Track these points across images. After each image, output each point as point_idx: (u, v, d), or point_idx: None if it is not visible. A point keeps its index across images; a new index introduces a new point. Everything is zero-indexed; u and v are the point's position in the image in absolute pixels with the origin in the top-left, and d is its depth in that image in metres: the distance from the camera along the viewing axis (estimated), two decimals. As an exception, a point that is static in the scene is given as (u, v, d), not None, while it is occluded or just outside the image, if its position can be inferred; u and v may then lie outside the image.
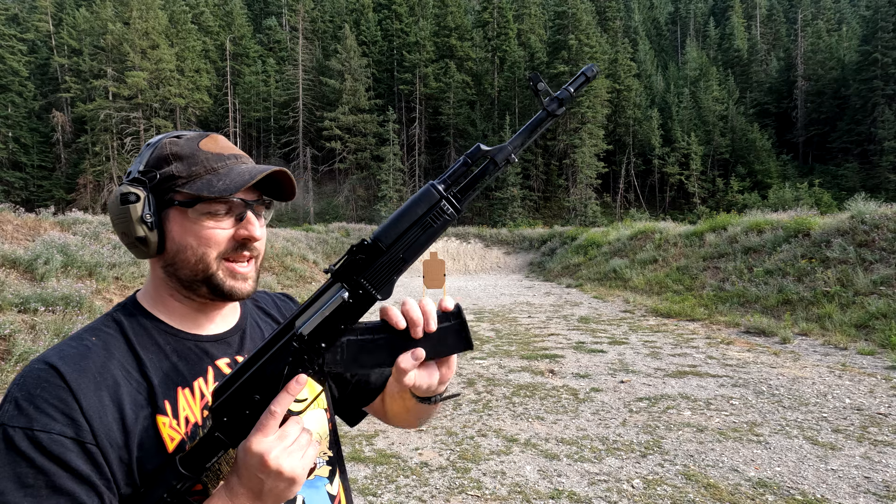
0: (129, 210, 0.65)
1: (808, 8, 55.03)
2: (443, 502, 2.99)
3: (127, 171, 0.69)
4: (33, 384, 0.57)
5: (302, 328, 0.61)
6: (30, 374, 0.58)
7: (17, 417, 0.54)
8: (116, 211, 0.66)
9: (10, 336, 5.92)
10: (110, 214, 0.67)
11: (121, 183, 0.69)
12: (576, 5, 39.36)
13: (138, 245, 0.67)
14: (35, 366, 0.59)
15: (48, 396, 0.56)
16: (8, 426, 0.54)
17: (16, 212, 9.72)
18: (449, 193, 0.64)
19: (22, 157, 38.03)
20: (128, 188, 0.66)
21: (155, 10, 37.68)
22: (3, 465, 0.52)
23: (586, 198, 36.71)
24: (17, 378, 0.59)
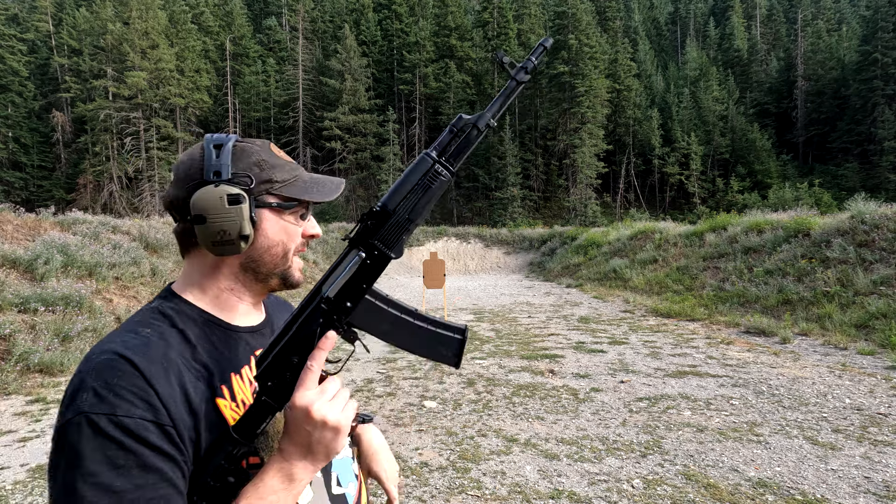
0: (239, 210, 0.70)
1: (808, 8, 55.03)
2: (443, 502, 2.99)
3: (206, 169, 0.71)
4: (109, 374, 0.60)
5: (328, 291, 0.69)
6: (102, 364, 0.61)
7: (98, 405, 0.57)
8: (223, 210, 0.69)
9: (10, 336, 5.92)
10: (210, 214, 0.69)
11: (200, 179, 0.71)
12: (576, 5, 39.33)
13: (237, 242, 0.71)
14: (104, 356, 0.62)
15: (125, 384, 0.60)
16: (90, 413, 0.57)
17: (16, 212, 9.71)
18: (441, 159, 0.73)
19: (22, 157, 38.00)
20: (233, 189, 0.70)
21: (155, 10, 37.65)
22: (94, 449, 0.55)
23: (586, 198, 36.70)
24: (86, 368, 0.61)
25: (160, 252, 11.21)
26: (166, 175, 36.87)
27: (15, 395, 5.21)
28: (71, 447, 0.56)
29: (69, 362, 6.03)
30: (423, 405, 4.74)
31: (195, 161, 0.72)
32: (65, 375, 5.86)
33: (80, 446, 0.55)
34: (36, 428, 4.37)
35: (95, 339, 6.94)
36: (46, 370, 5.84)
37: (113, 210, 34.09)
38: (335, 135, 40.72)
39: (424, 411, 4.58)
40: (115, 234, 10.63)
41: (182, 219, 0.73)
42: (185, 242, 0.75)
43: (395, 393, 5.15)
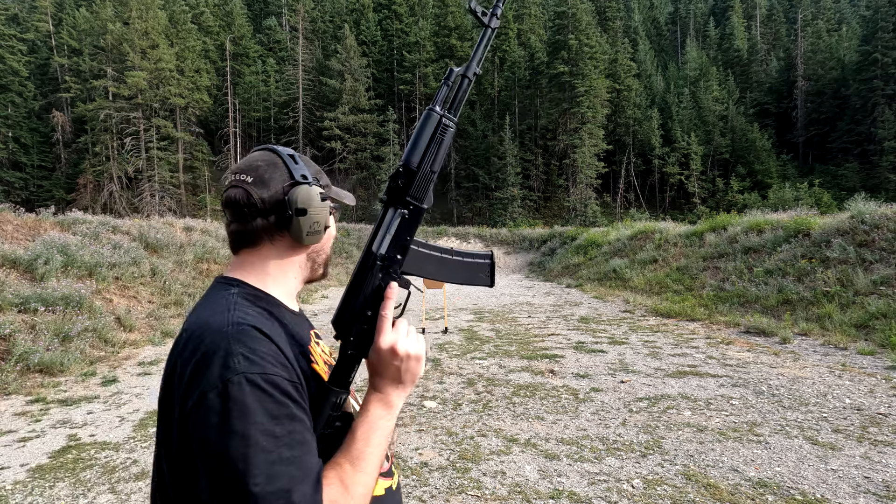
0: (325, 206, 0.85)
1: (808, 8, 55.03)
2: (443, 502, 2.99)
3: (292, 173, 0.85)
4: (250, 341, 0.70)
5: (379, 249, 0.81)
6: (241, 332, 0.70)
7: (251, 367, 0.67)
8: (319, 205, 0.83)
9: (10, 336, 5.92)
10: (312, 207, 0.82)
11: (293, 180, 0.84)
12: (576, 5, 39.30)
13: (322, 232, 0.86)
14: (240, 327, 0.71)
15: (265, 350, 0.70)
16: (247, 374, 0.66)
17: (16, 212, 9.71)
18: (444, 112, 0.83)
19: (22, 157, 37.98)
20: (319, 189, 0.85)
21: (155, 10, 37.63)
22: (255, 402, 0.64)
23: (586, 198, 36.68)
24: (221, 337, 0.69)
25: (160, 252, 11.21)
26: (166, 175, 36.89)
27: (15, 395, 5.21)
28: (237, 401, 0.64)
29: (69, 362, 6.03)
30: (423, 405, 4.74)
31: (278, 166, 0.85)
32: (65, 375, 5.86)
33: (246, 400, 0.64)
34: (36, 428, 4.37)
35: (96, 339, 6.94)
36: (46, 370, 5.84)
37: (113, 210, 34.08)
38: (335, 135, 40.71)
39: (424, 411, 4.58)
40: (115, 234, 10.63)
41: (270, 214, 0.82)
42: (257, 237, 0.84)
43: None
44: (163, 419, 0.75)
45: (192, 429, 0.65)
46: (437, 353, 6.89)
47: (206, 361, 0.67)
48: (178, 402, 0.69)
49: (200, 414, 0.64)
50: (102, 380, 5.80)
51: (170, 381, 0.73)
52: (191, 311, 0.82)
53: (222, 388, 0.65)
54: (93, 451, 3.84)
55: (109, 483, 3.32)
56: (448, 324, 9.27)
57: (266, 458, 0.62)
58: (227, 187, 0.85)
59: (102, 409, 4.83)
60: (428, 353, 1.23)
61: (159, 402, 0.77)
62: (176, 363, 0.72)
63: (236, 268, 0.86)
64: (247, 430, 0.63)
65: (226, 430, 0.63)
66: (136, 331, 7.89)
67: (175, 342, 0.76)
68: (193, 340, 0.71)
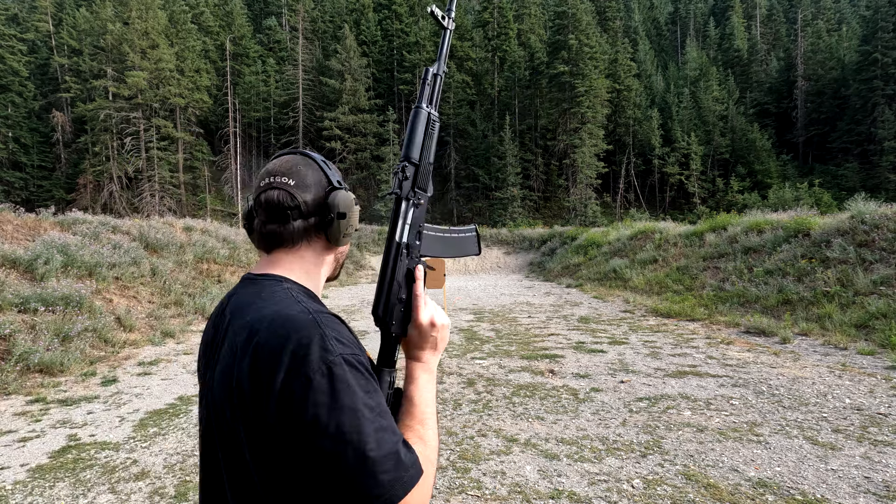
0: (357, 209, 0.91)
1: (808, 8, 55.03)
2: (443, 502, 2.99)
3: (330, 178, 0.91)
4: (336, 327, 0.76)
5: (402, 239, 0.90)
6: (328, 320, 0.76)
7: (345, 349, 0.73)
8: (354, 209, 0.90)
9: (10, 336, 5.92)
10: (350, 211, 0.89)
11: (331, 185, 0.90)
12: (576, 5, 39.29)
13: (351, 235, 0.92)
14: (323, 315, 0.77)
15: (348, 334, 0.77)
16: (344, 354, 0.72)
17: (16, 212, 9.71)
18: (430, 108, 0.94)
19: (22, 157, 37.96)
20: (353, 194, 0.91)
21: (155, 10, 37.61)
22: (355, 378, 0.71)
23: (586, 198, 36.67)
24: (312, 325, 0.74)
25: (160, 252, 11.21)
26: (166, 175, 36.88)
27: (15, 395, 5.21)
28: (342, 379, 0.70)
29: (69, 362, 6.03)
30: (423, 405, 4.74)
31: (317, 171, 0.90)
32: (65, 375, 5.86)
33: (348, 377, 0.70)
34: (36, 428, 4.37)
35: (96, 339, 6.94)
36: (46, 370, 5.84)
37: (113, 210, 34.08)
38: (335, 135, 40.71)
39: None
40: (115, 234, 10.63)
41: (311, 216, 0.88)
42: (297, 237, 0.89)
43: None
44: (236, 416, 0.74)
45: (300, 411, 0.68)
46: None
47: (305, 347, 0.71)
48: (272, 392, 0.70)
49: (310, 396, 0.68)
50: (102, 380, 5.80)
51: (247, 377, 0.73)
52: (240, 308, 0.83)
53: (327, 370, 0.70)
54: (93, 451, 3.84)
55: (109, 483, 3.32)
56: (448, 324, 9.26)
57: (372, 426, 0.69)
58: (264, 188, 0.88)
59: (102, 409, 4.83)
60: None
61: (221, 401, 0.77)
62: (255, 356, 0.73)
63: (273, 266, 0.89)
64: (355, 404, 0.69)
65: (336, 406, 0.68)
66: (136, 331, 7.89)
67: (233, 339, 0.78)
68: (277, 331, 0.73)
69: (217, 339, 0.86)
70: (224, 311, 0.87)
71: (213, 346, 0.86)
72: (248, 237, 0.94)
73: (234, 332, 0.79)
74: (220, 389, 0.78)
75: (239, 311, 0.82)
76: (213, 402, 0.80)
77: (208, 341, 0.90)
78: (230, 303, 0.88)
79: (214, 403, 0.80)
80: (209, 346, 0.89)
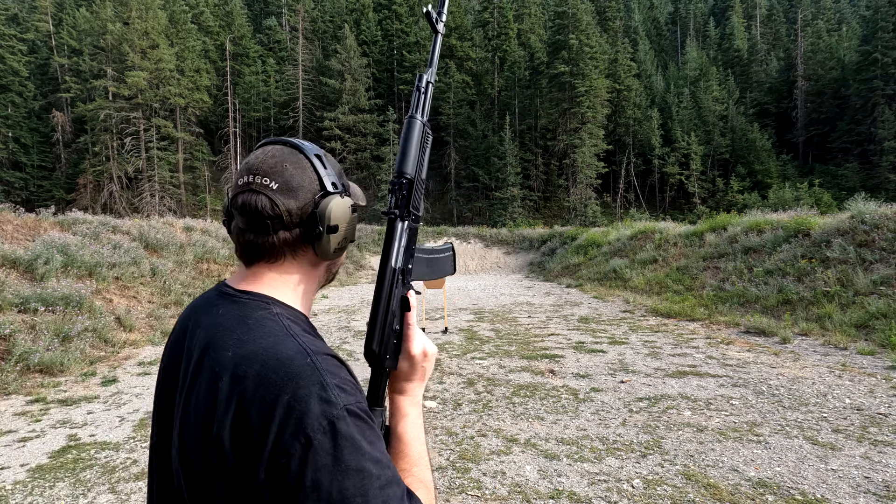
0: (355, 218, 0.80)
1: (808, 8, 55.03)
2: (443, 502, 2.99)
3: (322, 180, 0.77)
4: (337, 371, 0.67)
5: (397, 263, 0.80)
6: (328, 363, 0.67)
7: (347, 398, 0.64)
8: (349, 219, 0.78)
9: (10, 336, 5.92)
10: (342, 223, 0.77)
11: (323, 190, 0.77)
12: (576, 5, 39.29)
13: (346, 248, 0.81)
14: (321, 357, 0.67)
15: (348, 377, 0.68)
16: (347, 405, 0.63)
17: (16, 212, 9.71)
18: (423, 119, 0.85)
19: (22, 157, 37.98)
20: (350, 201, 0.79)
21: (155, 10, 37.62)
22: (359, 431, 0.62)
23: (586, 198, 36.67)
24: (310, 370, 0.64)
25: (160, 252, 11.21)
26: (166, 175, 36.90)
27: (15, 395, 5.21)
28: (347, 436, 0.61)
29: (69, 362, 6.03)
30: (424, 405, 4.74)
31: (306, 170, 0.76)
32: (65, 375, 5.86)
33: (352, 432, 0.62)
34: (36, 428, 4.37)
35: (96, 339, 6.94)
36: (46, 370, 5.84)
37: (113, 210, 34.08)
38: (335, 135, 40.72)
39: (424, 411, 4.58)
40: (115, 234, 10.63)
41: (296, 228, 0.75)
42: (278, 251, 0.76)
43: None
44: (211, 474, 0.64)
45: (298, 476, 0.59)
46: (437, 353, 6.88)
47: (304, 401, 0.61)
48: (262, 452, 0.60)
49: (310, 459, 0.59)
50: (102, 380, 5.80)
51: (229, 431, 0.62)
52: (220, 335, 0.70)
53: (329, 427, 0.61)
54: (93, 451, 3.84)
55: (109, 483, 3.32)
56: (448, 324, 9.27)
57: (378, 483, 0.61)
58: (243, 189, 0.74)
59: (102, 409, 4.83)
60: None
61: (193, 453, 0.66)
62: (241, 408, 0.62)
63: (256, 282, 0.77)
64: (360, 464, 0.61)
65: (340, 469, 0.60)
66: (136, 331, 7.89)
67: (211, 378, 0.66)
68: (269, 378, 0.63)
69: (186, 367, 0.72)
70: (194, 332, 0.74)
71: (179, 377, 0.73)
72: (229, 236, 0.80)
73: (214, 368, 0.67)
74: (193, 439, 0.66)
75: (219, 339, 0.70)
76: (183, 452, 0.68)
77: (168, 367, 0.77)
78: (204, 323, 0.74)
79: (185, 455, 0.67)
80: (170, 375, 0.76)
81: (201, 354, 0.70)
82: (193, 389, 0.68)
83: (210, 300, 0.78)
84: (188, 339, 0.75)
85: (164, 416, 0.75)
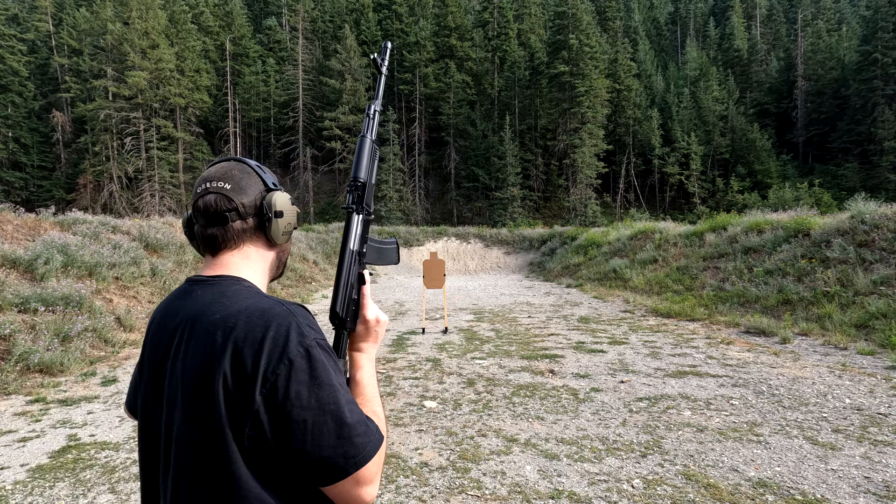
0: (295, 209, 0.98)
1: (808, 8, 55.03)
2: (443, 502, 2.98)
3: (265, 181, 0.96)
4: (307, 316, 0.85)
5: (354, 246, 1.01)
6: (300, 311, 0.84)
7: (317, 334, 0.83)
8: (290, 208, 0.96)
9: (10, 336, 5.92)
10: (286, 210, 0.95)
11: (266, 187, 0.96)
12: (576, 5, 39.29)
13: (291, 233, 0.99)
14: (295, 307, 0.85)
15: (315, 322, 0.86)
16: (318, 339, 0.82)
17: (16, 212, 9.71)
18: (373, 138, 1.08)
19: (22, 157, 37.98)
20: (290, 196, 0.98)
21: (155, 9, 37.62)
22: (327, 359, 0.81)
23: (586, 198, 36.67)
24: (287, 314, 0.82)
25: (160, 252, 11.21)
26: (166, 175, 36.89)
27: (15, 395, 5.21)
28: (318, 360, 0.79)
29: (69, 362, 6.03)
30: (423, 405, 4.74)
31: (252, 175, 0.95)
32: (65, 375, 5.86)
33: (322, 357, 0.80)
34: (36, 428, 4.36)
35: (96, 339, 6.94)
36: (46, 370, 5.84)
37: (113, 210, 34.08)
38: (335, 135, 40.72)
39: (424, 411, 4.58)
40: (115, 234, 10.63)
41: (249, 216, 0.93)
42: (238, 239, 0.93)
43: (395, 393, 5.15)
44: (219, 415, 0.77)
45: (284, 391, 0.75)
46: (437, 353, 6.89)
47: (284, 334, 0.78)
48: (256, 377, 0.76)
49: (292, 376, 0.76)
50: (102, 380, 5.80)
51: (230, 370, 0.77)
52: (202, 310, 0.85)
53: (305, 352, 0.78)
54: (93, 451, 3.84)
55: (109, 483, 3.32)
56: (448, 324, 9.27)
57: (345, 397, 0.79)
58: (201, 194, 0.91)
59: (102, 409, 4.83)
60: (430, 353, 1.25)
61: (199, 395, 0.78)
62: (236, 349, 0.77)
63: (223, 268, 0.93)
64: (330, 380, 0.78)
65: (316, 383, 0.77)
66: (136, 331, 7.89)
67: (204, 340, 0.80)
68: (255, 322, 0.79)
69: (171, 341, 0.87)
70: (175, 315, 0.89)
71: (168, 352, 0.87)
72: (190, 244, 1.01)
73: (207, 329, 0.81)
74: (188, 388, 0.80)
75: (202, 313, 0.84)
76: (173, 403, 0.82)
77: (155, 347, 0.90)
78: (183, 306, 0.89)
79: (185, 414, 0.80)
80: (157, 353, 0.89)
81: (190, 326, 0.84)
82: (184, 353, 0.83)
83: (184, 290, 0.93)
84: (169, 322, 0.89)
85: (155, 390, 0.88)
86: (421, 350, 7.14)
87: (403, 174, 40.83)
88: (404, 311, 11.32)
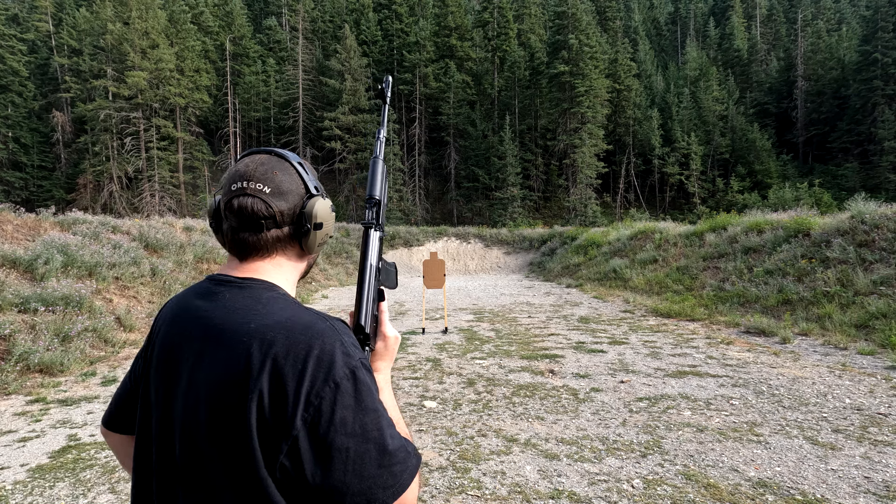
0: (333, 217, 0.93)
1: (808, 8, 55.01)
2: (443, 502, 2.98)
3: (307, 184, 0.89)
4: (347, 332, 0.80)
5: (375, 262, 0.98)
6: (339, 326, 0.80)
7: (360, 353, 0.79)
8: (331, 217, 0.91)
9: (10, 336, 5.92)
10: (326, 221, 0.90)
11: (308, 193, 0.89)
12: (576, 5, 39.28)
13: (326, 242, 0.98)
14: (334, 321, 0.80)
15: (356, 341, 0.82)
16: (362, 359, 0.78)
17: (16, 212, 9.71)
18: (384, 158, 1.07)
19: (22, 157, 37.97)
20: (330, 202, 0.92)
21: (155, 9, 37.60)
22: (370, 381, 0.77)
23: (586, 198, 36.66)
24: (331, 332, 0.77)
25: (160, 252, 11.21)
26: (166, 175, 36.88)
27: (15, 395, 5.21)
28: (364, 382, 0.75)
29: (69, 362, 6.03)
30: (423, 405, 4.74)
31: (294, 176, 0.88)
32: (65, 375, 5.86)
33: (367, 379, 0.76)
34: (36, 428, 4.36)
35: (96, 339, 6.94)
36: (46, 370, 5.84)
37: (113, 210, 34.08)
38: (335, 135, 40.70)
39: (424, 411, 4.58)
40: (115, 234, 10.62)
41: (286, 225, 0.86)
42: (270, 247, 0.86)
43: (395, 393, 5.15)
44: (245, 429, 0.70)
45: (329, 415, 0.71)
46: (437, 353, 6.89)
47: (329, 354, 0.74)
48: (298, 399, 0.71)
49: (338, 400, 0.72)
50: (102, 380, 5.80)
51: (267, 387, 0.71)
52: (233, 313, 0.78)
53: (350, 374, 0.74)
54: (93, 451, 3.84)
55: (109, 483, 3.32)
56: (448, 324, 9.27)
57: (387, 422, 0.75)
58: (237, 193, 0.83)
59: (102, 409, 4.83)
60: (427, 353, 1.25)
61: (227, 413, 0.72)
62: (276, 366, 0.71)
63: (252, 272, 0.86)
64: (374, 405, 0.75)
65: (361, 408, 0.73)
66: (136, 331, 7.89)
67: (236, 349, 0.74)
68: (298, 339, 0.74)
69: (190, 345, 0.79)
70: (196, 315, 0.81)
71: (180, 355, 0.80)
72: (214, 235, 0.92)
73: (241, 338, 0.74)
74: (219, 414, 0.72)
75: (232, 319, 0.77)
76: (192, 417, 0.75)
77: (171, 361, 0.82)
78: (206, 307, 0.81)
79: (210, 431, 0.73)
80: (170, 365, 0.81)
81: (217, 331, 0.78)
82: (210, 361, 0.76)
83: (207, 290, 0.85)
84: (188, 324, 0.82)
85: (167, 395, 0.81)
86: (421, 350, 7.14)
87: (403, 174, 40.83)
88: (404, 311, 11.32)
